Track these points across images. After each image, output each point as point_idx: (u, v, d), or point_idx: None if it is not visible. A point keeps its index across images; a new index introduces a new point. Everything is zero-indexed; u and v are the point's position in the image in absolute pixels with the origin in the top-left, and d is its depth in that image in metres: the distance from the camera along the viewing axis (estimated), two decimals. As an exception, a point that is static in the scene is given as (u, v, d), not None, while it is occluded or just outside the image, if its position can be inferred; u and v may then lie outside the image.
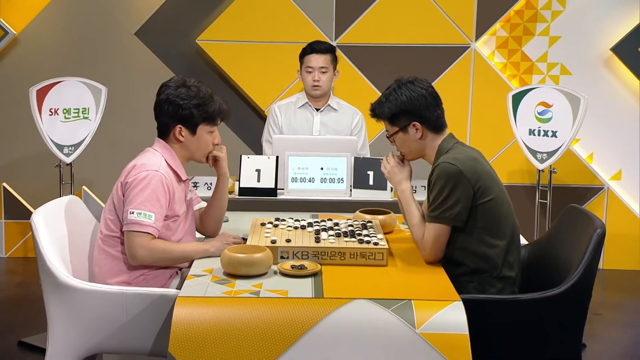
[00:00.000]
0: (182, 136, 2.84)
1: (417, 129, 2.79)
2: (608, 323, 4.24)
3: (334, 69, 4.28)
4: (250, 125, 5.28)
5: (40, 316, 2.93)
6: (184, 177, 2.88)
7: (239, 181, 3.77)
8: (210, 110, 2.83)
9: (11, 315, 4.27)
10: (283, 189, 3.79)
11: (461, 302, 2.29)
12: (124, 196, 2.75)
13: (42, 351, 2.78)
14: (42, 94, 4.31)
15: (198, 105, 2.81)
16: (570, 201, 3.78)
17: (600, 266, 5.09)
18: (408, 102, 2.77)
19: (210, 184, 3.77)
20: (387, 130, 2.88)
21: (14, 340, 3.82)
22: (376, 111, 2.84)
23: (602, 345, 3.90)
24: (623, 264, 5.30)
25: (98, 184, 5.33)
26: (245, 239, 2.84)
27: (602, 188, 5.30)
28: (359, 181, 3.77)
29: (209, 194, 3.05)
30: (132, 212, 2.68)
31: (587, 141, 5.29)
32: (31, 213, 2.76)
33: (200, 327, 2.22)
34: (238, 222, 3.28)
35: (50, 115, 4.32)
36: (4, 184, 5.35)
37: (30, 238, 5.17)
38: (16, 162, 5.34)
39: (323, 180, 3.78)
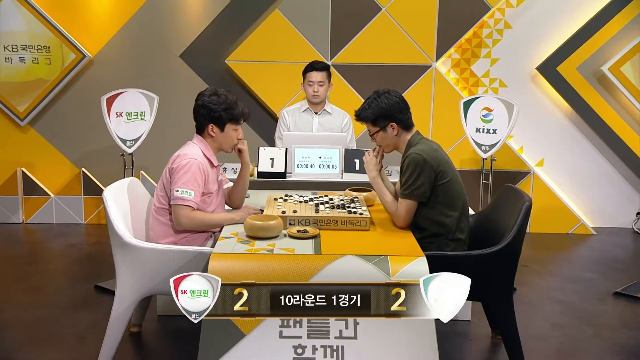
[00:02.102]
0: (214, 132, 2.81)
1: (393, 128, 2.76)
2: (533, 273, 4.24)
3: (329, 82, 4.23)
4: (265, 125, 5.25)
5: (110, 267, 2.92)
6: (215, 163, 2.85)
7: (258, 167, 3.75)
8: (235, 113, 2.80)
9: (89, 266, 4.26)
10: (291, 173, 3.77)
11: (425, 258, 2.29)
12: (171, 178, 2.73)
13: (112, 293, 2.77)
14: (110, 101, 4.27)
15: (226, 109, 2.78)
16: (506, 182, 3.77)
17: (527, 230, 5.10)
18: (386, 108, 2.73)
19: (236, 169, 3.75)
20: (369, 130, 2.83)
21: (92, 284, 3.82)
22: (361, 115, 2.80)
23: (528, 288, 3.90)
24: (544, 229, 5.30)
25: (152, 169, 5.31)
26: (262, 210, 2.82)
27: (529, 172, 5.29)
28: (348, 167, 3.76)
29: (235, 176, 3.03)
30: (177, 190, 2.66)
31: (519, 137, 5.29)
32: (103, 190, 2.74)
33: (229, 276, 2.20)
34: (257, 198, 3.26)
35: (116, 117, 4.29)
36: (83, 169, 5.33)
37: (102, 209, 5.17)
38: (91, 152, 5.32)
39: (321, 166, 3.76)
